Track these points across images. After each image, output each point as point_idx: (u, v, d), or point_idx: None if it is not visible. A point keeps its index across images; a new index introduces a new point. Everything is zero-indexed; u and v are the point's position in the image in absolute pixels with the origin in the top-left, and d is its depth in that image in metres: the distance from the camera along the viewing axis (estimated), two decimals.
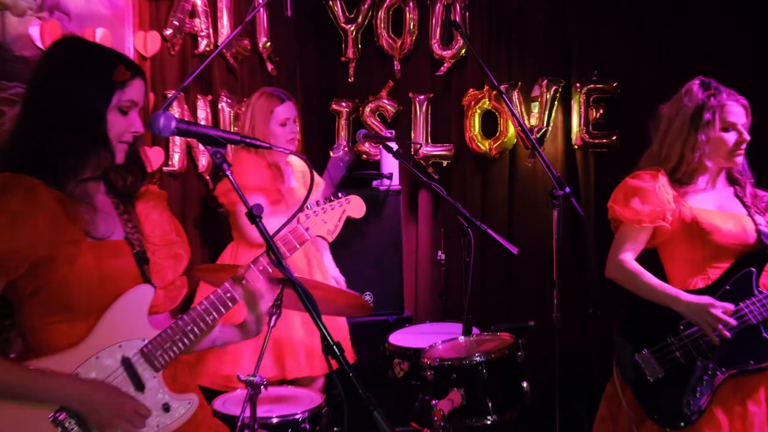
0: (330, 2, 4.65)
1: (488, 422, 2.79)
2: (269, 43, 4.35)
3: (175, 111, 3.83)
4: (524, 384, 2.89)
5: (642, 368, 2.61)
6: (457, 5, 4.57)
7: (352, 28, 4.67)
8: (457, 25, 4.41)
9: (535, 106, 4.61)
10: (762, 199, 2.75)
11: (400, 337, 3.48)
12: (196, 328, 1.92)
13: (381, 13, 4.66)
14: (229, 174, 1.80)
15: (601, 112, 4.60)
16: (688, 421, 2.53)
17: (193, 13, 3.96)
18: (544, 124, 4.57)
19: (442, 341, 3.07)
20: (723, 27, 4.46)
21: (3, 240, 1.73)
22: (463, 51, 4.63)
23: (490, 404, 2.80)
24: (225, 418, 2.61)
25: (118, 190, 2.00)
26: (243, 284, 1.96)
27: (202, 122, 3.95)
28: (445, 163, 4.71)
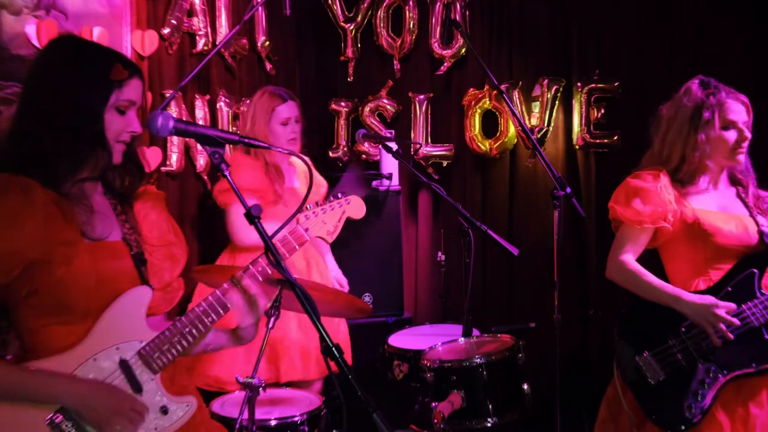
0: (329, 1, 4.63)
1: (488, 425, 2.79)
2: (268, 43, 4.33)
3: (173, 111, 3.82)
4: (525, 386, 2.88)
5: (643, 370, 2.59)
6: (458, 4, 4.55)
7: (352, 27, 4.65)
8: (458, 24, 4.39)
9: (535, 105, 4.59)
10: (764, 199, 2.74)
11: (400, 339, 3.47)
12: (194, 330, 1.91)
13: (380, 12, 4.64)
14: (228, 174, 1.79)
15: (602, 111, 4.58)
16: (689, 423, 2.51)
17: (191, 12, 3.95)
18: (545, 124, 4.55)
19: (442, 343, 3.07)
20: (723, 27, 4.45)
21: None
22: (463, 50, 4.62)
23: (490, 406, 2.79)
24: (223, 420, 2.61)
25: (116, 191, 1.99)
26: (242, 285, 1.95)
27: (200, 122, 3.94)
28: (445, 163, 4.69)
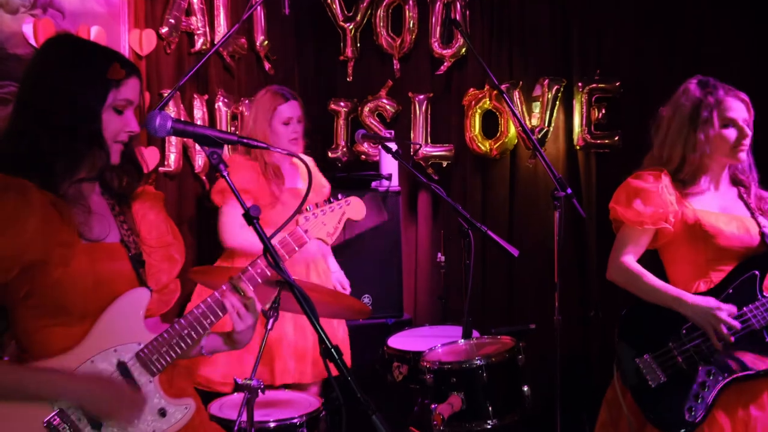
0: (328, 0, 4.62)
1: (488, 426, 2.79)
2: (267, 42, 4.32)
3: (171, 110, 3.81)
4: (525, 388, 2.88)
5: (643, 373, 2.57)
6: (458, 3, 4.54)
7: (351, 26, 4.64)
8: (458, 23, 4.38)
9: (536, 106, 4.57)
10: (766, 200, 2.72)
11: (399, 340, 3.45)
12: (193, 333, 1.90)
13: (380, 12, 4.62)
14: (226, 175, 1.78)
15: (603, 112, 4.56)
16: (690, 426, 2.50)
17: (189, 11, 3.94)
18: (546, 125, 4.54)
19: (441, 344, 3.07)
20: (724, 26, 4.44)
21: None
22: (463, 50, 4.60)
23: (490, 408, 2.79)
24: (222, 422, 2.61)
25: (114, 191, 1.97)
26: (240, 287, 1.93)
27: (199, 122, 3.93)
28: (445, 163, 4.68)
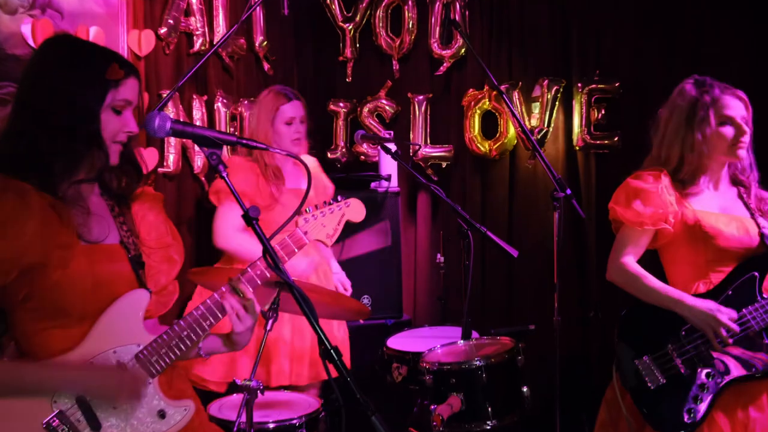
0: (327, 1, 4.61)
1: (488, 427, 2.79)
2: (266, 42, 4.31)
3: (170, 111, 3.80)
4: (524, 389, 2.88)
5: (643, 375, 2.57)
6: (457, 4, 4.54)
7: (350, 27, 4.63)
8: (457, 24, 4.37)
9: (535, 106, 4.57)
10: (766, 201, 2.71)
11: (399, 341, 3.45)
12: (192, 334, 1.90)
13: (379, 12, 4.62)
14: (225, 176, 1.77)
15: (602, 112, 4.56)
16: (689, 428, 2.50)
17: (188, 12, 3.93)
18: (545, 125, 4.54)
19: (441, 345, 3.07)
20: (723, 27, 4.44)
21: None
22: (462, 50, 4.60)
23: (489, 409, 2.79)
24: (221, 423, 2.60)
25: (113, 192, 1.97)
26: (239, 289, 1.92)
27: (198, 123, 3.92)
28: (444, 164, 4.67)
